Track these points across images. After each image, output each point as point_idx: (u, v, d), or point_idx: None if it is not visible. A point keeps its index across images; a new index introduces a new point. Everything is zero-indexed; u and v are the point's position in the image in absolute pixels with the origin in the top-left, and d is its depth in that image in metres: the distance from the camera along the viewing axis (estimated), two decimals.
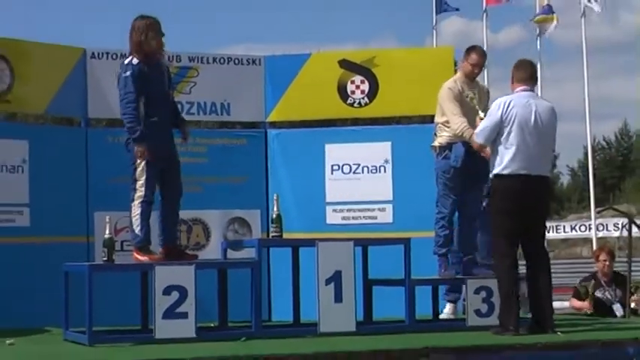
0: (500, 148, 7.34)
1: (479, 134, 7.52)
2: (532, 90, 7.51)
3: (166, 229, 7.63)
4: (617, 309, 9.93)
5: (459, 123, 8.02)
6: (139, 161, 7.41)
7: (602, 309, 9.93)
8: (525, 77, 7.48)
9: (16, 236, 9.17)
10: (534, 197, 7.37)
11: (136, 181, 7.44)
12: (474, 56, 8.37)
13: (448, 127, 8.22)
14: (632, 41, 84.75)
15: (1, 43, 9.42)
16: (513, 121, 7.28)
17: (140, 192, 7.42)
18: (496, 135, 7.34)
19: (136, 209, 7.42)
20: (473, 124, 7.99)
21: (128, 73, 7.42)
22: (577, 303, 10.26)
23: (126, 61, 7.51)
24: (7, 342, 6.85)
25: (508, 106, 7.31)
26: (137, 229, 7.41)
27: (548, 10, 36.88)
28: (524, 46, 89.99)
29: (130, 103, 7.37)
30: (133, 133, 7.38)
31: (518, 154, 7.28)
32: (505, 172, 7.33)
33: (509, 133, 7.29)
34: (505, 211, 7.40)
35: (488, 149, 7.52)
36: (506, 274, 7.38)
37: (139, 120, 7.38)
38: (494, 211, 7.52)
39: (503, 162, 7.32)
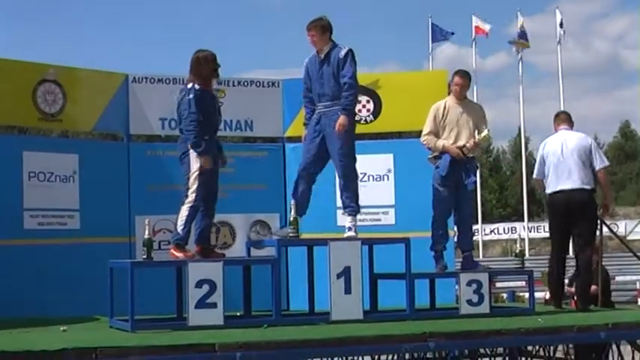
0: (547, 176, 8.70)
1: (535, 172, 8.89)
2: (568, 128, 8.84)
3: (202, 231, 7.63)
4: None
5: (422, 139, 8.38)
6: (192, 171, 7.39)
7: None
8: (561, 122, 8.89)
9: (68, 237, 9.21)
10: (566, 205, 8.48)
11: (188, 188, 7.43)
12: (456, 79, 8.42)
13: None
14: (602, 65, 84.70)
15: (55, 69, 9.48)
16: (548, 154, 8.69)
17: (191, 198, 7.40)
18: (544, 167, 8.73)
19: (184, 212, 7.41)
20: (461, 138, 8.22)
21: (191, 95, 7.37)
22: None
23: (189, 86, 7.45)
24: (61, 329, 6.86)
25: (544, 147, 8.87)
26: (180, 228, 7.40)
27: (522, 35, 36.92)
28: (509, 70, 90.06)
29: (193, 121, 7.34)
30: (199, 147, 7.36)
31: (552, 177, 8.61)
32: (547, 191, 8.67)
33: (548, 164, 8.65)
34: (551, 220, 8.82)
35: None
36: (552, 266, 8.74)
37: (202, 135, 7.36)
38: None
39: (547, 185, 8.67)
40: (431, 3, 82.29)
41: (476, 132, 8.33)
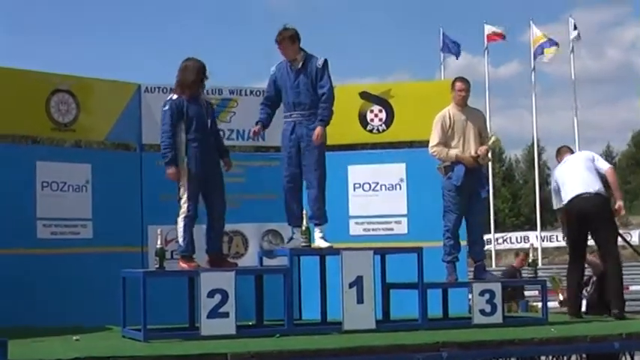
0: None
1: (554, 204, 9.19)
2: (570, 153, 9.35)
3: (211, 240, 7.66)
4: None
5: (432, 150, 8.38)
6: (181, 182, 7.47)
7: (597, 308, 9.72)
8: (563, 154, 9.36)
9: (80, 247, 9.24)
10: (580, 210, 8.67)
11: (180, 199, 7.50)
12: (458, 84, 8.46)
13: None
14: (615, 74, 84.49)
15: (68, 79, 9.52)
16: (560, 180, 9.03)
17: (183, 208, 7.48)
18: (559, 194, 9.01)
19: (180, 223, 7.49)
20: (470, 146, 8.22)
21: (166, 107, 7.52)
22: None
23: (167, 97, 7.61)
24: (74, 338, 6.88)
25: (554, 174, 9.36)
26: (181, 241, 7.49)
27: (551, 43, 36.55)
28: (521, 79, 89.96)
29: (164, 132, 7.49)
30: (165, 158, 7.49)
31: (565, 191, 8.86)
32: (564, 203, 8.87)
33: (561, 185, 8.97)
34: (568, 229, 8.95)
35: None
36: (569, 273, 8.97)
37: (171, 147, 7.45)
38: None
39: (563, 200, 8.88)
40: (443, 12, 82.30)
41: (486, 138, 8.35)
